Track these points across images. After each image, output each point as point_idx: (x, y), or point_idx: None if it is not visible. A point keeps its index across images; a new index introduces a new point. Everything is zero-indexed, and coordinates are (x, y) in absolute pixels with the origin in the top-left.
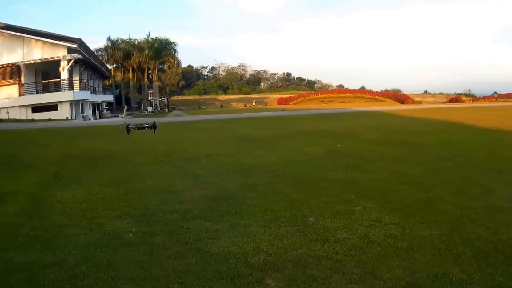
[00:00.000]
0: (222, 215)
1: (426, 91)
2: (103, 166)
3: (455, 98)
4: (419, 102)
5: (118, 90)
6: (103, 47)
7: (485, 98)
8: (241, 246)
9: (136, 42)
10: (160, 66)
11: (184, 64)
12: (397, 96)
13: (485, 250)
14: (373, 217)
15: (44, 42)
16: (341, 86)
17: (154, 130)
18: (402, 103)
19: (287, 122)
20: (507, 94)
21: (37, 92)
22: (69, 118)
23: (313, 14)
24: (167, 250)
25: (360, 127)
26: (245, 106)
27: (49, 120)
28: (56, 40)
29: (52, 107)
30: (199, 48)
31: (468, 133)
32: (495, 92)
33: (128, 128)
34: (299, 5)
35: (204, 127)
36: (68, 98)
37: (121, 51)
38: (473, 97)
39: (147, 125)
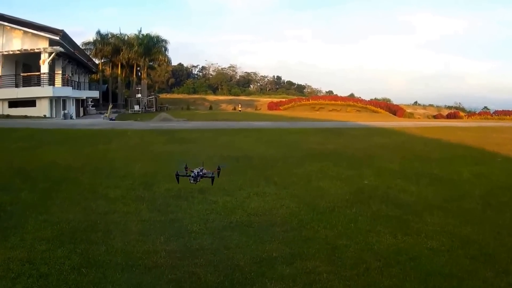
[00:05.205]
0: None
1: (416, 102)
2: (62, 197)
3: (453, 114)
4: (411, 114)
5: (106, 85)
6: (92, 40)
7: (480, 114)
8: None
9: (126, 38)
10: (150, 63)
11: (174, 62)
12: (389, 107)
13: None
14: None
15: (25, 32)
16: (330, 92)
17: (212, 181)
18: (394, 114)
19: (289, 136)
20: (503, 111)
21: (16, 86)
22: (47, 116)
23: (304, 18)
24: None
25: (376, 149)
26: (234, 109)
27: (25, 117)
28: (38, 31)
29: (30, 102)
30: (190, 47)
31: (500, 165)
32: (485, 107)
33: (178, 175)
34: (290, 7)
35: (194, 138)
36: (47, 94)
37: (110, 45)
38: (464, 112)
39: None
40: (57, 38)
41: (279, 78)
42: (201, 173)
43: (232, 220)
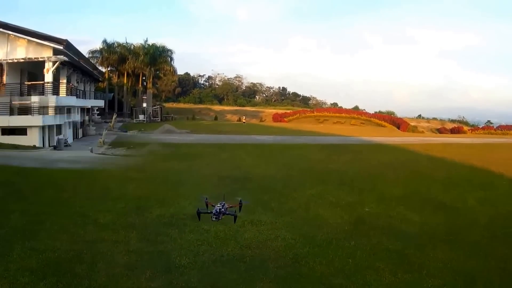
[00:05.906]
0: None
1: (420, 116)
2: (52, 222)
3: (457, 129)
4: (415, 127)
5: (112, 94)
6: (98, 49)
7: (484, 128)
8: None
9: (132, 47)
10: (156, 73)
11: (181, 71)
12: (393, 120)
13: None
14: None
15: (29, 41)
16: (335, 104)
17: (235, 220)
18: (398, 127)
19: (291, 152)
20: (506, 125)
21: (21, 94)
22: (36, 146)
23: (309, 29)
24: None
25: (378, 169)
26: (239, 119)
27: (15, 147)
28: (41, 40)
29: (21, 131)
30: (196, 56)
31: (505, 189)
32: (488, 121)
33: (199, 213)
34: (297, 18)
35: (194, 153)
36: (37, 124)
37: (117, 54)
38: (468, 125)
39: (233, 212)
40: (61, 47)
41: (284, 89)
42: (223, 209)
43: (224, 253)
